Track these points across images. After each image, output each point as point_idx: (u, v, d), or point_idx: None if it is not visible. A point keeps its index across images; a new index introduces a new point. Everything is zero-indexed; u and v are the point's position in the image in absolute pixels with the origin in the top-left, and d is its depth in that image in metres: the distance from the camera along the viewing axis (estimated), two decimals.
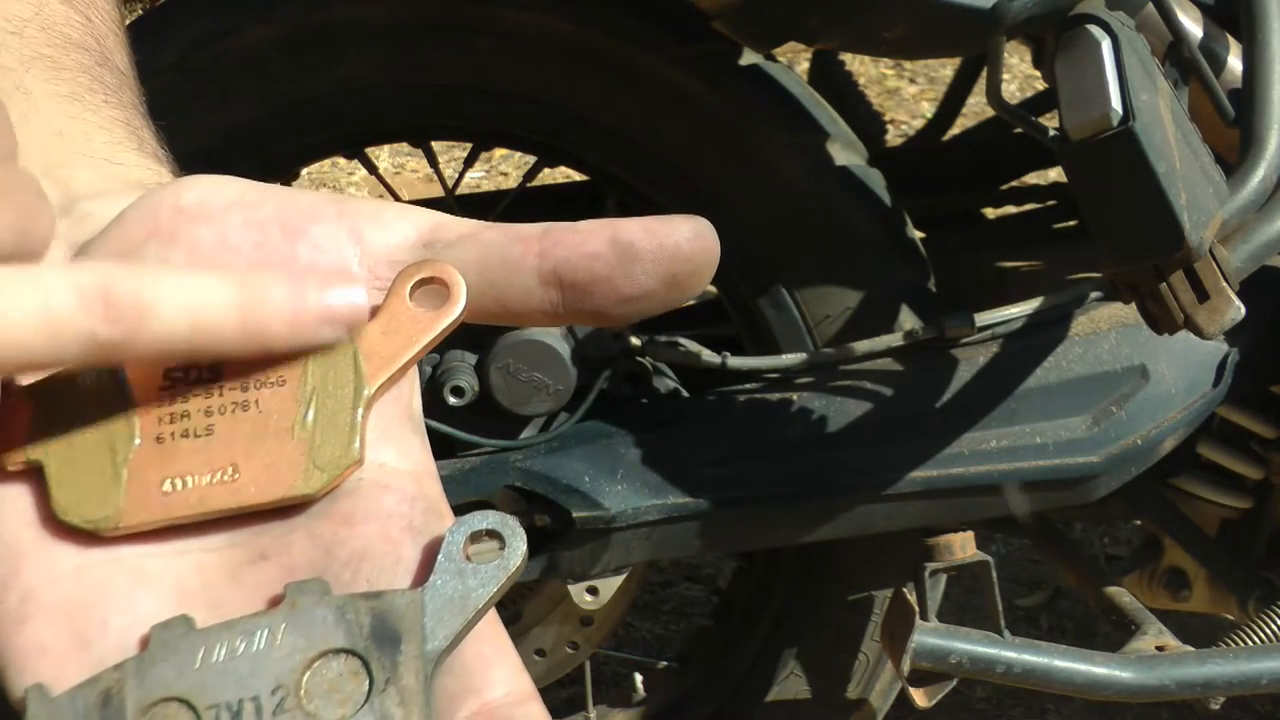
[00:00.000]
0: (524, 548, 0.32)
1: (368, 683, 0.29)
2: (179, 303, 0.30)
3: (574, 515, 1.04)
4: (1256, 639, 1.07)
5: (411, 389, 0.35)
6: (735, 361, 1.05)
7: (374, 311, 0.34)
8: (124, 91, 0.43)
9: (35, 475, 0.32)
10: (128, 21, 1.06)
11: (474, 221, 0.35)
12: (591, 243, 0.34)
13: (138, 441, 0.32)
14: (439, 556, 0.31)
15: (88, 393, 0.33)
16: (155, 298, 0.30)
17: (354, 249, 0.35)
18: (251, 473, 0.32)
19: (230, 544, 0.32)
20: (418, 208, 0.36)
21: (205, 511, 0.32)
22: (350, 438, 0.32)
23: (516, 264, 0.34)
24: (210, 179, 0.36)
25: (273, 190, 0.35)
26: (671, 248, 0.34)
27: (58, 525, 0.31)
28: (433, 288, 0.34)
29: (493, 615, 0.32)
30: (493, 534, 0.32)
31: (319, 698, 0.29)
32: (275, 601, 0.30)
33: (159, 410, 0.33)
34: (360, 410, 0.33)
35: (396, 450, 0.34)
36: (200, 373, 0.33)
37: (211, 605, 0.31)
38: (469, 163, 1.24)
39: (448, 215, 0.36)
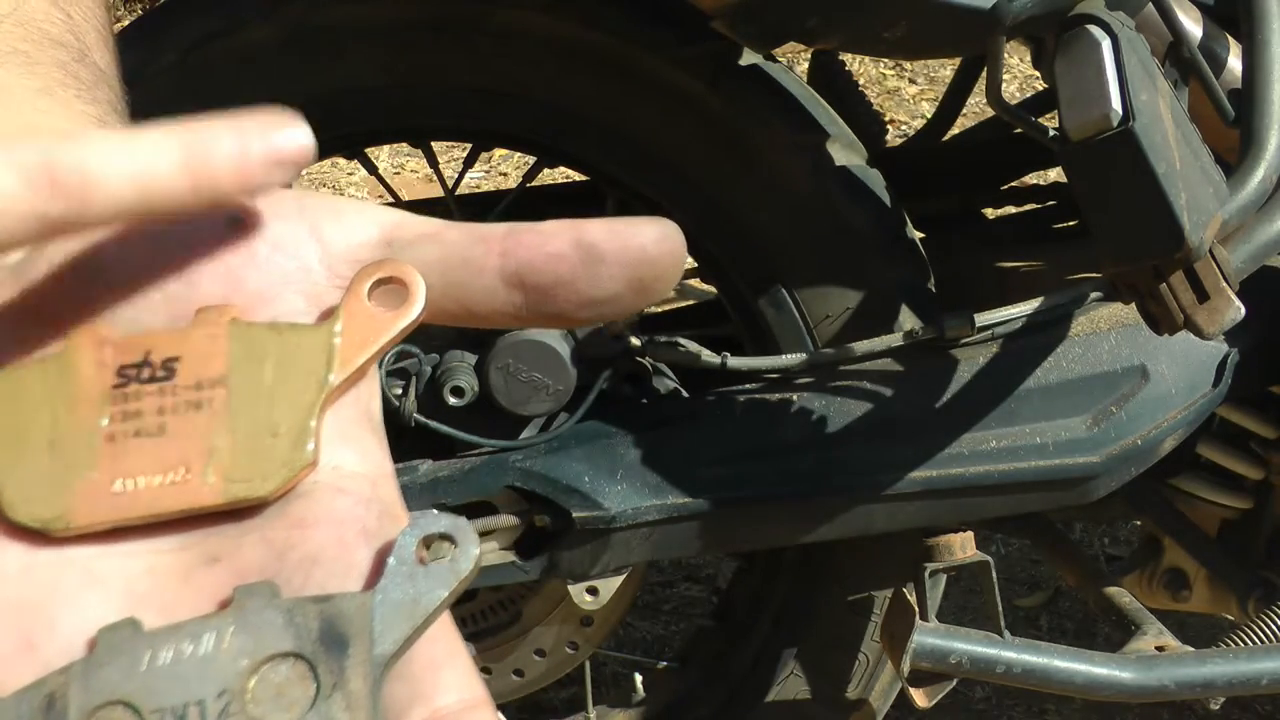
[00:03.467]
0: (476, 551, 0.31)
1: (314, 687, 0.29)
2: (125, 169, 0.29)
3: (574, 515, 1.04)
4: (1256, 639, 1.07)
5: (371, 390, 0.34)
6: (735, 361, 1.05)
7: (331, 311, 0.33)
8: (99, 88, 0.42)
9: None
10: (128, 21, 1.06)
11: (437, 220, 0.35)
12: (554, 244, 0.33)
13: (91, 439, 0.31)
14: (389, 559, 0.30)
15: (37, 389, 0.32)
16: (100, 167, 0.29)
17: (314, 246, 0.34)
18: (203, 474, 0.31)
19: (182, 546, 0.31)
20: (379, 206, 0.35)
21: (156, 513, 0.31)
22: (304, 439, 0.32)
23: (479, 265, 0.33)
24: None
25: None
26: (636, 250, 0.33)
27: (5, 524, 0.31)
28: (392, 287, 0.33)
29: (447, 619, 0.31)
30: (445, 537, 0.31)
31: (265, 702, 0.28)
32: (225, 604, 0.30)
33: (111, 408, 0.32)
34: (315, 412, 0.32)
35: (354, 452, 0.33)
36: (154, 370, 0.32)
37: (162, 608, 0.30)
38: (469, 163, 1.24)
39: (410, 214, 0.35)
